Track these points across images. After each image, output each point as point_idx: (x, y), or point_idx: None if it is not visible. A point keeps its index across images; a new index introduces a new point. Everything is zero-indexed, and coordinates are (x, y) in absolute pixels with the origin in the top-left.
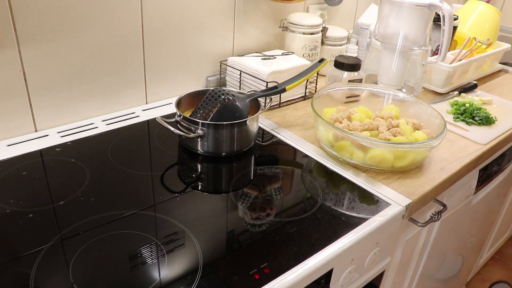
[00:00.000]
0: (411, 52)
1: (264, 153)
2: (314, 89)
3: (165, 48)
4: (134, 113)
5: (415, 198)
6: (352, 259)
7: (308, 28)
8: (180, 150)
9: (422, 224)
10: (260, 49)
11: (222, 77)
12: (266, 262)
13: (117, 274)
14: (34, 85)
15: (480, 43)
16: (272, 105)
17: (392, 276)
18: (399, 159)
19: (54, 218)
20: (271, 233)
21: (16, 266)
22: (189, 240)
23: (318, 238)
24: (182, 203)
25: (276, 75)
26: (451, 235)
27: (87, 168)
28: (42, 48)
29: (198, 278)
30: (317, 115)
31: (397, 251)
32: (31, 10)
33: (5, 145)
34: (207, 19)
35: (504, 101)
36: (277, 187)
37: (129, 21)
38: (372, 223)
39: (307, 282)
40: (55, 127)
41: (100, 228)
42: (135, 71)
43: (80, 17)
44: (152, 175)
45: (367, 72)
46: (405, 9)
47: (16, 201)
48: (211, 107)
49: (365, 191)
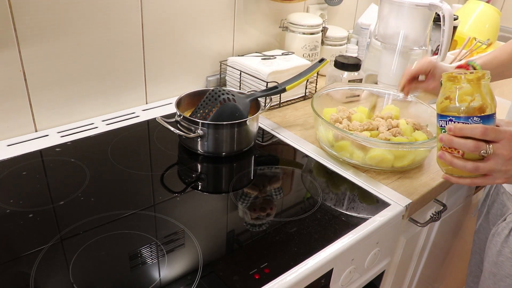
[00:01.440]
0: (411, 52)
1: (264, 153)
2: (314, 89)
3: (165, 48)
4: (134, 113)
5: (415, 198)
6: (352, 259)
7: (308, 28)
8: (180, 150)
9: (422, 224)
10: (260, 49)
11: (222, 77)
12: (266, 262)
13: (117, 274)
14: (34, 85)
15: (480, 43)
16: (272, 105)
17: (392, 276)
18: (399, 159)
19: (54, 218)
20: (271, 233)
21: (16, 266)
22: (189, 240)
23: (318, 238)
24: (182, 203)
25: (276, 75)
26: (451, 235)
27: (87, 168)
28: (42, 48)
29: (198, 278)
30: (317, 115)
31: (397, 251)
32: (31, 10)
33: (5, 145)
34: (207, 19)
35: (504, 101)
36: (277, 187)
37: (129, 21)
38: (372, 223)
39: (307, 282)
40: (55, 127)
41: (100, 228)
42: (135, 71)
43: (80, 17)
44: (152, 175)
45: (367, 72)
46: (405, 9)
47: (16, 201)
48: (211, 107)
49: (365, 191)
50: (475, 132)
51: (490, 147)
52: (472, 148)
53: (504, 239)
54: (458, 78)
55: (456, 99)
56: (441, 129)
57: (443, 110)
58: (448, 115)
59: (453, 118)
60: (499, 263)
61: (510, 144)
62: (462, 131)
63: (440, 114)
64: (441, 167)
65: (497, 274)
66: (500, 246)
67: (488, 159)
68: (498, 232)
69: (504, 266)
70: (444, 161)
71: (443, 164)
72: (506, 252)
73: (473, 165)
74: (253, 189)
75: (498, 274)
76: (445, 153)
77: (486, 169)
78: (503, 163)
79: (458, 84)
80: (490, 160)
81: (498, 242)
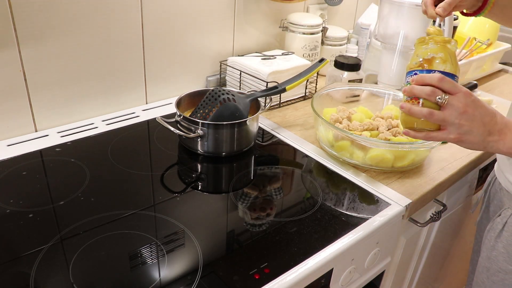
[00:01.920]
0: (411, 52)
1: (264, 153)
2: (314, 89)
3: (165, 48)
4: (134, 113)
5: (415, 198)
6: (352, 259)
7: (308, 28)
8: (180, 150)
9: (422, 224)
10: (260, 49)
11: (222, 77)
12: (266, 262)
13: (117, 274)
14: (34, 85)
15: (480, 43)
16: (272, 105)
17: (392, 276)
18: (399, 159)
19: (54, 218)
20: (271, 233)
21: (16, 266)
22: (189, 240)
23: (318, 238)
24: (182, 203)
25: (276, 75)
26: (451, 235)
27: (87, 168)
28: (42, 48)
29: (198, 278)
30: (317, 115)
31: (397, 251)
32: (31, 10)
33: (5, 145)
34: (207, 19)
35: (504, 101)
36: (277, 187)
37: (129, 21)
38: (372, 223)
39: (307, 282)
40: (55, 127)
41: (100, 228)
42: (135, 71)
43: (80, 17)
44: (152, 175)
45: (367, 72)
46: (405, 9)
47: (16, 201)
48: (211, 107)
49: (365, 191)
50: (433, 78)
51: (446, 96)
52: (428, 92)
53: (498, 234)
54: (426, 40)
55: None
56: (407, 84)
57: (411, 67)
58: (414, 70)
59: (417, 71)
60: (492, 257)
61: (465, 99)
62: (422, 79)
63: (408, 72)
64: (402, 122)
65: (490, 268)
66: (494, 241)
67: (444, 108)
68: (493, 228)
69: (497, 260)
70: (404, 110)
71: (403, 117)
72: (499, 247)
73: (428, 111)
74: (253, 189)
75: (491, 268)
76: (406, 103)
77: (440, 118)
78: (457, 116)
79: (426, 45)
80: (446, 110)
81: (492, 237)
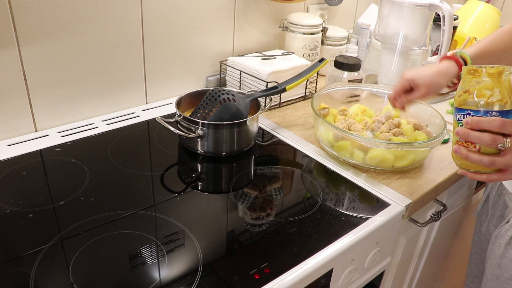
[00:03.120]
0: (411, 52)
1: (264, 153)
2: (314, 89)
3: (165, 48)
4: (134, 113)
5: (415, 198)
6: (352, 259)
7: (308, 28)
8: (180, 150)
9: (422, 224)
10: (260, 49)
11: (222, 77)
12: (266, 262)
13: (117, 274)
14: (34, 85)
15: None
16: (272, 105)
17: (392, 276)
18: (399, 159)
19: (54, 218)
20: (271, 233)
21: (16, 266)
22: (189, 240)
23: (318, 238)
24: (182, 203)
25: (276, 75)
26: (451, 235)
27: (87, 168)
28: (42, 48)
29: (198, 278)
30: (317, 115)
31: (397, 251)
32: (31, 10)
33: (5, 145)
34: (207, 19)
35: None
36: (277, 187)
37: (129, 21)
38: (372, 223)
39: (307, 282)
40: (55, 127)
41: (100, 228)
42: (135, 71)
43: (80, 17)
44: (152, 175)
45: (367, 72)
46: (405, 9)
47: (16, 201)
48: (211, 107)
49: (365, 191)
50: (493, 125)
51: (508, 141)
52: (489, 141)
53: (508, 241)
54: (478, 72)
55: (475, 93)
56: (458, 123)
57: (461, 103)
58: (466, 109)
59: (471, 112)
60: (503, 265)
61: None
62: (480, 124)
63: (458, 108)
64: (456, 161)
65: (500, 276)
66: (504, 248)
67: (505, 153)
68: (502, 234)
69: (508, 268)
70: (460, 155)
71: (458, 158)
72: (510, 255)
73: (489, 160)
74: (253, 189)
75: (501, 276)
76: (460, 147)
77: (503, 164)
78: None
79: (478, 78)
80: (507, 155)
81: (502, 244)
